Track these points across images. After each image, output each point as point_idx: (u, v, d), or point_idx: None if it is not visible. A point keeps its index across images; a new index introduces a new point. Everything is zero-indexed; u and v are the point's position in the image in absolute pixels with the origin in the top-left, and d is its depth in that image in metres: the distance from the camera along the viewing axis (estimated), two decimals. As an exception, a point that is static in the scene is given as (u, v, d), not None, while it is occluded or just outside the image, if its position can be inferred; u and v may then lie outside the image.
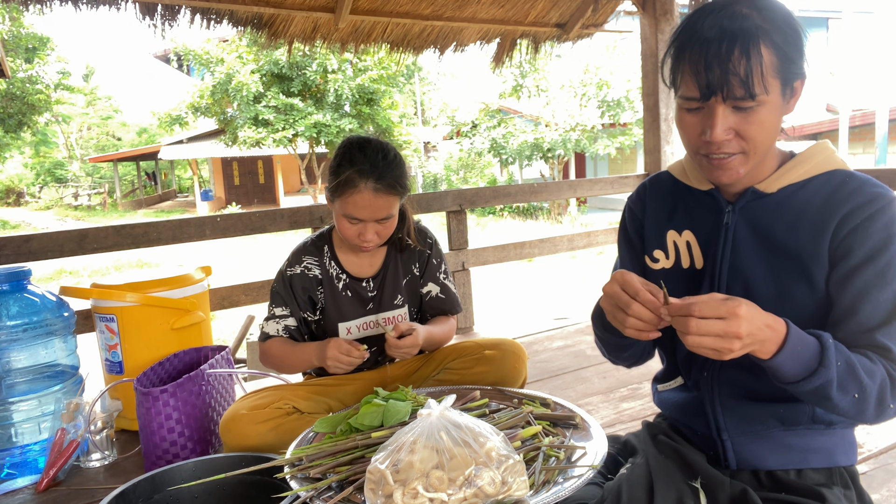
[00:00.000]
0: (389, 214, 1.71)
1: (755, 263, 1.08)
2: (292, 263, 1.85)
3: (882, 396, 0.97)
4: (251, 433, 1.62)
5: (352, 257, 1.87)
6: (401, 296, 1.89)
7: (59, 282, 10.51)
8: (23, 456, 2.07)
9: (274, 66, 17.34)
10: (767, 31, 0.96)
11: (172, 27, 3.20)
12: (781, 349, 0.92)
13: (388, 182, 1.66)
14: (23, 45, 22.64)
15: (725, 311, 0.88)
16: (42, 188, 30.57)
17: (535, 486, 1.11)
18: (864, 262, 1.00)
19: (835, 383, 0.94)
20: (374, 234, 1.71)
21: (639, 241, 1.26)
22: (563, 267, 9.69)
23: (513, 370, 1.82)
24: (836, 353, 0.95)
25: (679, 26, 1.03)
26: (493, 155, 17.12)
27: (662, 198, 1.24)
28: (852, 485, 1.10)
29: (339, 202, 1.68)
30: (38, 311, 2.10)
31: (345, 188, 1.65)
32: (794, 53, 0.98)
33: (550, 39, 4.28)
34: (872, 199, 1.01)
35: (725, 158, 1.03)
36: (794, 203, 1.06)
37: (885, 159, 11.77)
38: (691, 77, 0.99)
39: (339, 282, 1.85)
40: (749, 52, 0.94)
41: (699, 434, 1.17)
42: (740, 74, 0.95)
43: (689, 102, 1.01)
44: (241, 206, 21.67)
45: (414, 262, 1.92)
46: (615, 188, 4.20)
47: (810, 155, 1.09)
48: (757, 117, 0.99)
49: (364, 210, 1.66)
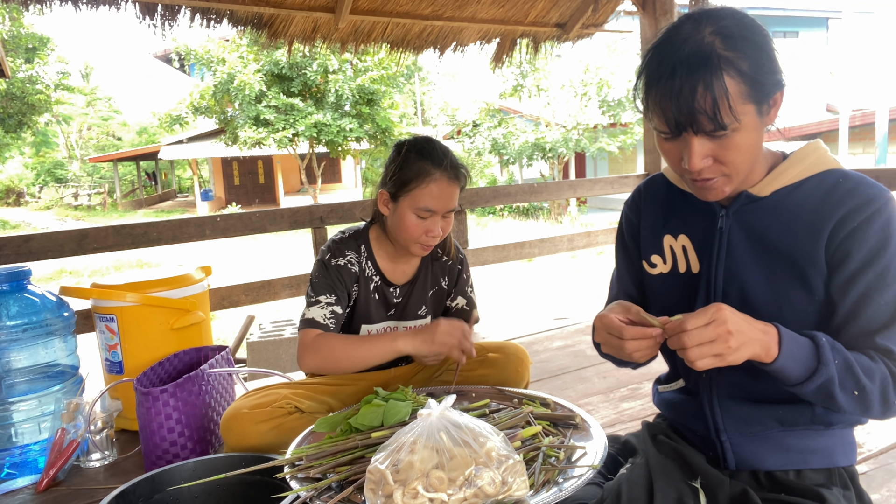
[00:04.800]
0: (455, 208, 1.73)
1: (750, 267, 1.07)
2: (335, 255, 1.79)
3: (885, 394, 0.98)
4: (252, 432, 1.62)
5: (388, 261, 1.85)
6: (425, 307, 1.89)
7: (59, 282, 10.51)
8: (23, 456, 2.07)
9: (274, 66, 17.35)
10: (731, 59, 0.93)
11: (172, 27, 3.20)
12: (780, 351, 0.94)
13: (458, 172, 1.70)
14: (23, 45, 22.64)
15: (710, 316, 0.92)
16: (42, 188, 30.55)
17: (535, 486, 1.11)
18: (863, 266, 1.00)
19: (836, 380, 0.95)
20: (440, 229, 1.71)
21: (635, 248, 1.27)
22: (563, 267, 9.69)
23: (515, 373, 1.82)
24: (833, 350, 0.96)
25: (645, 55, 1.01)
26: (493, 155, 17.13)
27: (658, 202, 1.24)
28: (852, 485, 1.10)
29: (411, 196, 1.67)
30: (38, 311, 2.09)
31: (420, 179, 1.66)
32: (764, 75, 0.96)
33: (550, 39, 4.28)
34: (868, 200, 1.00)
35: (708, 181, 1.03)
36: (788, 206, 1.06)
37: (885, 159, 11.77)
38: (660, 114, 0.98)
39: (370, 283, 1.83)
40: (713, 87, 0.93)
41: (698, 435, 1.17)
42: (707, 111, 0.94)
43: (664, 133, 1.01)
44: (241, 206, 21.68)
45: (444, 275, 1.92)
46: (615, 188, 4.21)
47: (803, 156, 1.08)
48: (732, 143, 0.98)
49: (439, 199, 1.67)
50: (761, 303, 1.05)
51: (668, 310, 1.18)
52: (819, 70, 18.33)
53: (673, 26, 0.99)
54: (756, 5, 18.32)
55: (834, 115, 13.98)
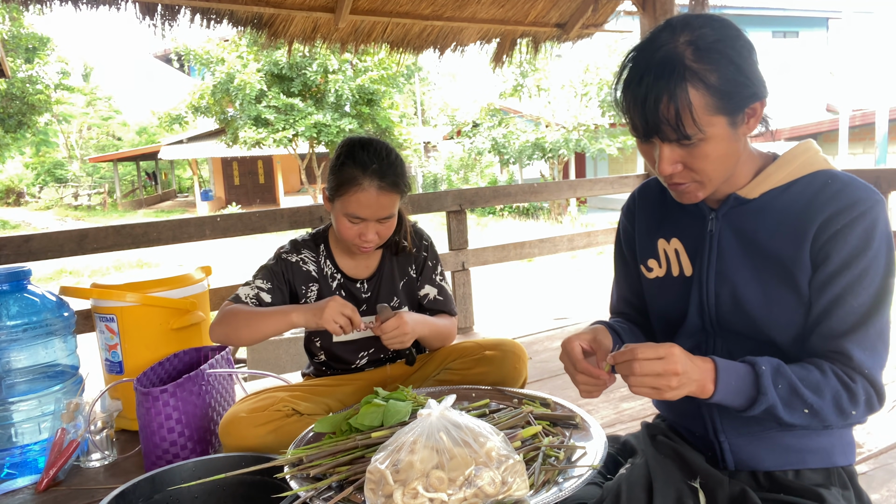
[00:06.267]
0: (391, 214, 1.70)
1: (741, 269, 1.08)
2: (290, 251, 1.84)
3: (839, 406, 0.99)
4: (250, 436, 1.62)
5: (347, 258, 1.86)
6: (397, 298, 1.89)
7: (59, 282, 10.51)
8: (23, 456, 2.07)
9: (274, 66, 17.35)
10: (698, 72, 0.94)
11: (172, 27, 3.19)
12: (716, 388, 0.97)
13: (391, 180, 1.66)
14: (23, 45, 22.63)
15: (663, 351, 0.95)
16: (42, 188, 30.54)
17: (535, 486, 1.11)
18: (840, 268, 1.00)
19: (779, 406, 0.97)
20: (374, 234, 1.70)
21: (632, 257, 1.29)
22: (563, 267, 9.69)
23: (513, 371, 1.82)
24: (776, 376, 0.97)
25: (624, 58, 1.03)
26: (493, 155, 17.12)
27: (651, 206, 1.25)
28: (850, 485, 1.10)
29: (341, 201, 1.67)
30: (38, 311, 2.10)
31: (348, 186, 1.64)
32: (735, 87, 0.96)
33: (550, 39, 4.28)
34: (853, 203, 0.99)
35: (679, 185, 1.05)
36: (777, 208, 1.06)
37: (885, 159, 11.77)
38: (630, 119, 1.01)
39: (333, 281, 1.84)
40: (677, 97, 0.94)
41: (697, 436, 1.17)
42: (670, 122, 0.96)
43: (636, 137, 1.04)
44: (241, 206, 21.68)
45: (410, 265, 1.92)
46: (615, 188, 4.21)
47: (792, 157, 1.08)
48: (701, 152, 0.99)
49: (367, 209, 1.65)
50: (753, 304, 1.06)
51: (664, 313, 1.19)
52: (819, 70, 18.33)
53: (653, 32, 1.01)
54: (756, 5, 18.32)
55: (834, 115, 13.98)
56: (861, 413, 1.00)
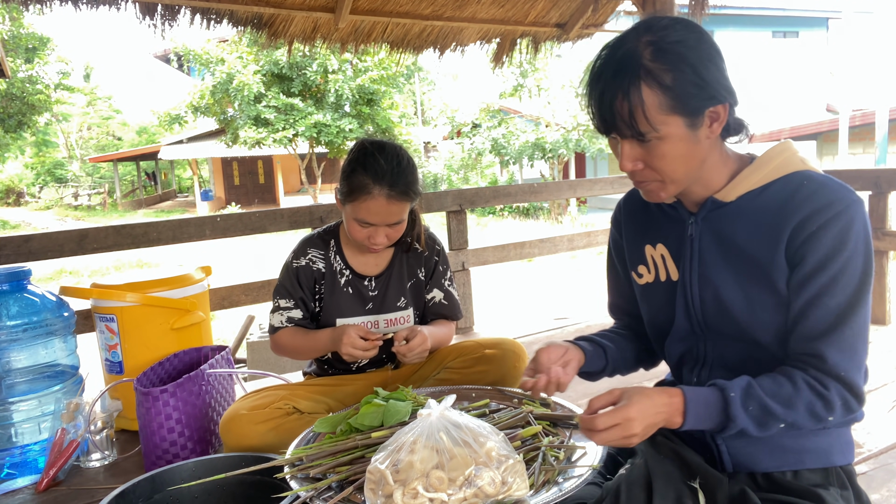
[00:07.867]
0: (401, 219, 1.71)
1: (722, 272, 1.09)
2: (298, 255, 1.85)
3: (815, 415, 1.00)
4: (251, 433, 1.62)
5: (357, 255, 1.86)
6: (404, 298, 1.88)
7: (59, 282, 10.51)
8: (23, 456, 2.07)
9: (274, 66, 17.34)
10: (652, 71, 0.96)
11: (172, 27, 3.19)
12: (685, 420, 1.00)
13: (401, 188, 1.65)
14: (23, 45, 22.62)
15: (620, 417, 0.98)
16: (42, 188, 30.56)
17: (535, 486, 1.11)
18: (816, 269, 1.00)
19: (752, 426, 0.99)
20: (384, 237, 1.70)
21: (622, 264, 1.31)
22: (563, 267, 9.69)
23: (513, 369, 1.83)
24: (746, 399, 0.99)
25: (594, 58, 1.05)
26: (493, 155, 17.12)
27: (636, 214, 1.27)
28: (849, 485, 1.10)
29: (351, 206, 1.67)
30: (38, 311, 2.10)
31: (358, 193, 1.64)
32: (691, 88, 0.97)
33: (550, 39, 4.28)
34: (828, 204, 0.99)
35: (642, 183, 1.07)
36: (754, 209, 1.06)
37: (885, 159, 11.77)
38: (590, 114, 1.04)
39: (341, 277, 1.84)
40: (630, 95, 0.96)
41: (695, 437, 1.17)
42: (624, 119, 0.98)
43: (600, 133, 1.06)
44: (241, 206, 21.67)
45: (420, 266, 1.91)
46: (615, 188, 4.20)
47: (768, 159, 1.08)
48: (658, 151, 1.00)
49: (377, 216, 1.66)
50: (735, 307, 1.07)
51: (655, 318, 1.21)
52: (819, 70, 18.33)
53: (624, 32, 1.03)
54: (756, 5, 18.31)
55: (834, 115, 13.99)
56: (839, 417, 1.01)
